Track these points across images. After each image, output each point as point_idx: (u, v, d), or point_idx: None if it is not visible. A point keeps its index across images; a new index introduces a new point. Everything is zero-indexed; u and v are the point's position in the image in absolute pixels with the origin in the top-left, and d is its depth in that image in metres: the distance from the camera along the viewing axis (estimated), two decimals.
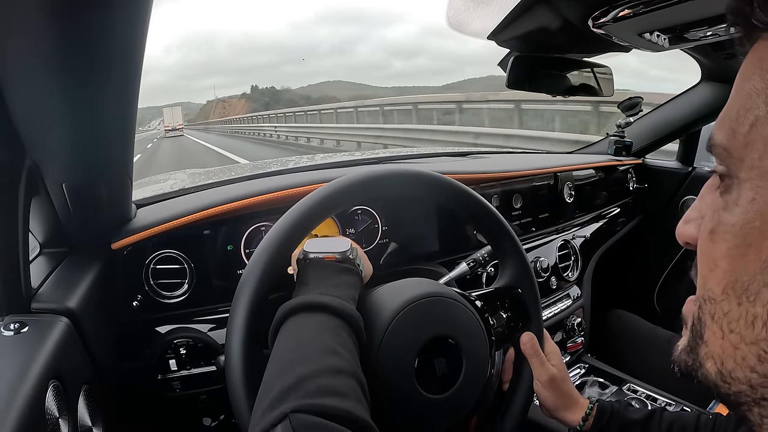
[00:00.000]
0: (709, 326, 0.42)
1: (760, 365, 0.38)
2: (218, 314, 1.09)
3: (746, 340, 0.38)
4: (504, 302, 0.94)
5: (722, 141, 0.40)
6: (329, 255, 0.83)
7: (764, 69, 0.37)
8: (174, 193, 1.24)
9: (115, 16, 0.51)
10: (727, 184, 0.40)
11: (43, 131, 0.68)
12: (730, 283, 0.39)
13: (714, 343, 0.41)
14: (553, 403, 0.93)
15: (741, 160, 0.38)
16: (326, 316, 0.70)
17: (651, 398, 1.47)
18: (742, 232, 0.38)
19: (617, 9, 0.92)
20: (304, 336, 0.67)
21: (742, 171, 0.38)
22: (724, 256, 0.39)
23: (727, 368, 0.40)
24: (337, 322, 0.70)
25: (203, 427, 1.14)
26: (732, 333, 0.39)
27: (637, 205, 2.20)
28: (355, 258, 0.86)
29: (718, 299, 0.40)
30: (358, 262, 0.86)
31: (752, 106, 0.37)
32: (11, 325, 0.72)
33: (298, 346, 0.66)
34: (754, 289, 0.37)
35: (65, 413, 0.68)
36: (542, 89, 1.36)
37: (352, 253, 0.85)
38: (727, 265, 0.39)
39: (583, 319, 1.72)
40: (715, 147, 0.41)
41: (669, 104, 2.09)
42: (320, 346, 0.65)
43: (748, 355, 0.38)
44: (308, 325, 0.69)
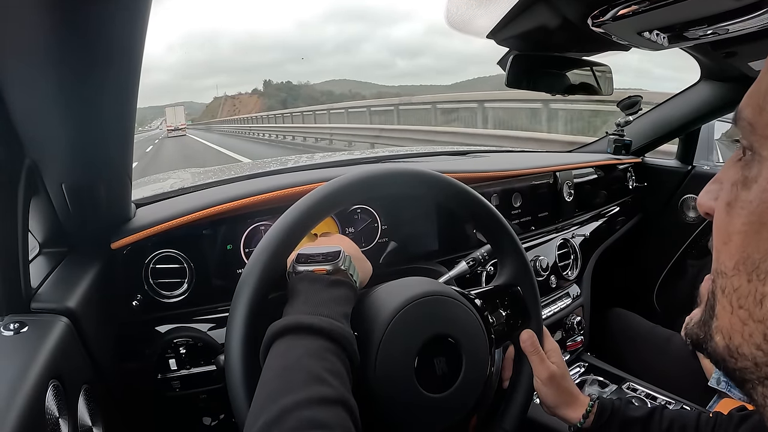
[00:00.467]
0: (720, 300, 0.42)
1: (766, 344, 0.38)
2: (218, 314, 1.08)
3: (754, 317, 0.38)
4: (503, 300, 0.94)
5: (749, 116, 0.40)
6: (319, 268, 0.77)
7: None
8: (173, 192, 1.24)
9: (113, 14, 0.51)
10: (749, 159, 0.40)
11: (42, 131, 0.68)
12: (742, 258, 0.39)
13: (723, 318, 0.41)
14: (553, 400, 0.93)
15: (765, 137, 0.38)
16: (314, 338, 0.67)
17: (650, 397, 1.47)
18: (759, 210, 0.38)
19: (616, 8, 0.91)
20: (290, 361, 0.64)
21: (764, 149, 0.38)
22: (738, 231, 0.40)
23: (734, 343, 0.41)
24: (326, 344, 0.67)
25: (203, 427, 1.14)
26: (741, 309, 0.39)
27: (637, 204, 2.20)
28: (348, 267, 0.79)
29: (729, 274, 0.40)
30: (351, 272, 0.80)
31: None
32: (11, 325, 0.72)
33: (283, 373, 0.63)
34: (764, 268, 0.37)
35: (65, 413, 0.68)
36: (541, 88, 1.36)
37: (345, 262, 0.79)
38: (740, 241, 0.39)
39: (582, 318, 1.72)
40: (741, 120, 0.41)
41: (668, 103, 2.09)
42: (306, 373, 0.62)
43: (755, 333, 0.38)
44: (295, 349, 0.66)
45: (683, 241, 2.17)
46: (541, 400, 0.95)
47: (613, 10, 0.92)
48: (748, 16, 0.86)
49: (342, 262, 0.78)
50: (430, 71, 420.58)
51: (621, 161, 2.10)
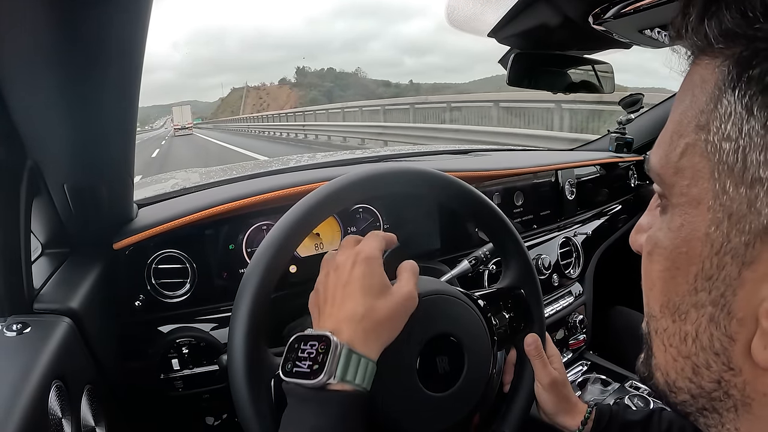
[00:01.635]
0: (654, 340, 0.45)
1: (695, 377, 0.40)
2: (220, 313, 1.09)
3: (682, 354, 0.40)
4: (507, 303, 0.93)
5: (656, 166, 0.41)
6: (306, 382, 0.59)
7: (695, 93, 0.38)
8: (175, 192, 1.24)
9: (114, 15, 0.51)
10: (664, 204, 0.41)
11: (43, 131, 0.68)
12: (665, 302, 0.41)
13: (659, 356, 0.44)
14: (552, 407, 0.93)
15: (672, 186, 0.39)
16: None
17: (653, 395, 1.46)
18: (672, 256, 0.40)
19: (618, 5, 0.91)
20: None
21: (673, 196, 0.39)
22: (659, 277, 0.42)
23: (671, 378, 0.43)
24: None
25: (206, 427, 1.14)
26: (671, 347, 0.42)
27: (639, 202, 2.19)
28: (345, 369, 0.59)
29: (658, 316, 0.43)
30: (350, 375, 0.60)
31: (683, 132, 0.38)
32: (14, 325, 0.72)
33: None
34: (683, 309, 0.39)
35: (68, 413, 0.68)
36: (543, 86, 1.36)
37: (336, 365, 0.59)
38: (660, 286, 0.42)
39: (585, 316, 1.72)
40: (650, 171, 0.42)
41: (670, 101, 2.08)
42: None
43: (685, 368, 0.40)
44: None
45: None
46: (540, 407, 0.95)
47: (614, 7, 0.92)
48: None
49: (332, 371, 0.59)
50: (438, 69, 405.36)
51: (623, 159, 2.10)
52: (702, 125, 0.36)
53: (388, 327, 0.64)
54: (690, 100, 0.38)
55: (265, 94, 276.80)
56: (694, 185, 0.37)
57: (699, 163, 0.36)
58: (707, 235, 0.36)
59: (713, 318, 0.37)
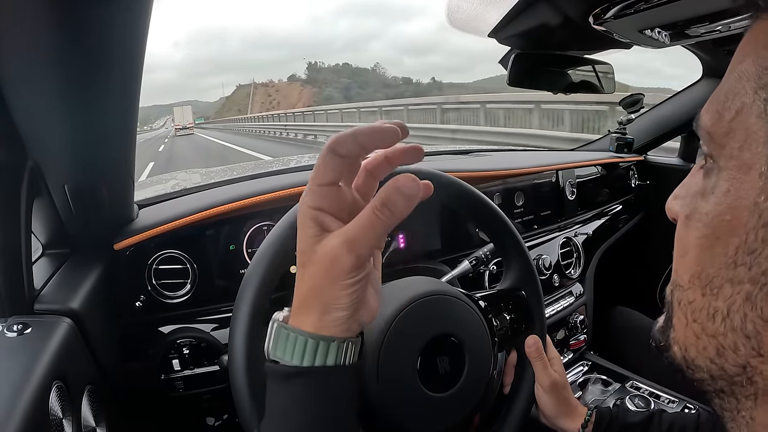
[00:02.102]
0: (676, 312, 0.42)
1: (718, 358, 0.38)
2: (221, 314, 1.09)
3: (707, 332, 0.38)
4: (507, 304, 0.93)
5: (706, 124, 0.39)
6: (283, 360, 0.50)
7: (759, 52, 0.35)
8: (176, 193, 1.24)
9: (115, 15, 0.51)
10: (709, 167, 0.39)
11: (44, 132, 0.68)
12: (697, 272, 0.39)
13: (679, 330, 0.41)
14: (553, 409, 0.93)
15: (722, 147, 0.37)
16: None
17: (654, 395, 1.46)
18: (713, 224, 0.37)
19: (618, 6, 0.91)
20: None
21: (721, 159, 0.37)
22: (695, 245, 0.39)
23: (690, 355, 0.40)
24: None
25: (207, 427, 1.14)
26: (695, 322, 0.39)
27: (639, 202, 2.19)
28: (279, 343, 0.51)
29: (685, 287, 0.40)
30: (282, 351, 0.50)
31: (740, 91, 0.36)
32: (14, 326, 0.72)
33: None
34: (717, 283, 0.37)
35: (69, 414, 0.68)
36: (543, 86, 1.36)
37: (280, 343, 0.51)
38: (695, 255, 0.39)
39: (585, 317, 1.72)
40: (700, 129, 0.40)
41: (670, 101, 2.08)
42: None
43: (708, 347, 0.38)
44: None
45: None
46: (540, 409, 0.95)
47: (615, 7, 0.92)
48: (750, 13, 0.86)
49: (276, 346, 0.51)
50: (439, 69, 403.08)
51: (623, 159, 2.10)
52: (763, 85, 0.34)
53: (315, 295, 0.49)
54: (752, 59, 0.35)
55: (275, 92, 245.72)
56: (746, 149, 0.34)
57: (754, 125, 0.34)
58: (756, 205, 0.34)
59: (750, 297, 0.35)
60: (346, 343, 0.50)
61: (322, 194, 0.47)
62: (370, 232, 0.45)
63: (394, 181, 0.43)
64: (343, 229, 0.46)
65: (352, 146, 0.45)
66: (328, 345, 0.49)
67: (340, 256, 0.46)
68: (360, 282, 0.47)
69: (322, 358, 0.49)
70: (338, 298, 0.47)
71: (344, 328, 0.49)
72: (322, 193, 0.47)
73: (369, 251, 0.46)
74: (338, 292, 0.47)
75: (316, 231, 0.47)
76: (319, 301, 0.48)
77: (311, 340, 0.48)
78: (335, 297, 0.48)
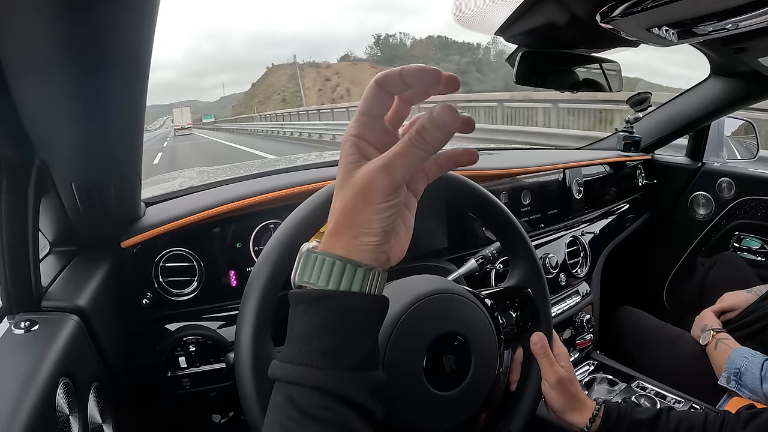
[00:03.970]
0: None
1: None
2: (227, 311, 1.09)
3: None
4: (514, 302, 0.93)
5: None
6: (310, 284, 0.52)
7: None
8: (183, 191, 1.24)
9: (122, 16, 0.51)
10: None
11: (52, 131, 0.69)
12: None
13: None
14: (560, 404, 0.93)
15: None
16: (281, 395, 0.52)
17: (660, 395, 1.46)
18: None
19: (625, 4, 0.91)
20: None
21: None
22: None
23: None
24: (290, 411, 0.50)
25: (213, 424, 1.14)
26: None
27: (647, 201, 2.19)
28: (311, 270, 0.52)
29: None
30: (309, 275, 0.52)
31: None
32: (22, 323, 0.73)
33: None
34: None
35: (75, 410, 0.69)
36: (550, 85, 1.35)
37: (308, 266, 0.53)
38: None
39: (592, 316, 1.72)
40: None
41: (678, 99, 2.07)
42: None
43: None
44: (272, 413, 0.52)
45: (693, 239, 2.16)
46: (548, 405, 0.95)
47: (622, 6, 0.92)
48: (759, 12, 0.85)
49: (304, 271, 0.53)
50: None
51: (630, 158, 2.09)
52: None
53: (347, 218, 0.51)
54: None
55: (334, 74, 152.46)
56: None
57: None
58: None
59: None
60: (373, 272, 0.52)
61: (367, 124, 0.51)
62: (405, 158, 0.47)
63: (430, 111, 0.46)
64: (380, 156, 0.49)
65: (397, 83, 0.48)
66: (355, 269, 0.50)
67: (376, 179, 0.48)
68: (392, 208, 0.50)
69: (348, 282, 0.51)
70: (370, 222, 0.49)
71: (373, 255, 0.51)
72: (367, 123, 0.51)
73: (403, 176, 0.48)
74: (371, 216, 0.49)
75: (357, 157, 0.50)
76: (351, 224, 0.50)
77: (339, 262, 0.50)
78: (367, 221, 0.50)
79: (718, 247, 2.11)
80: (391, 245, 0.53)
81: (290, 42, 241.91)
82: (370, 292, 0.52)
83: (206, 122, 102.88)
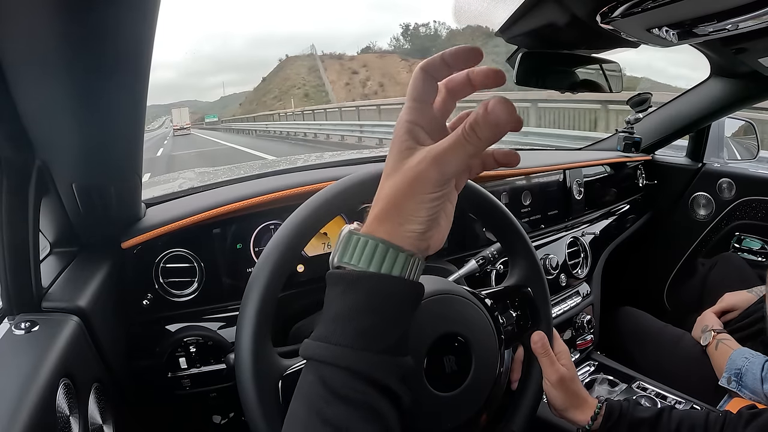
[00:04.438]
0: None
1: None
2: (228, 312, 1.09)
3: None
4: (514, 301, 0.93)
5: None
6: (348, 265, 0.54)
7: None
8: (183, 192, 1.24)
9: (123, 16, 0.51)
10: None
11: (52, 132, 0.69)
12: None
13: None
14: (562, 403, 0.93)
15: None
16: (314, 376, 0.51)
17: (660, 396, 1.46)
18: None
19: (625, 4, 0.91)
20: (293, 412, 0.52)
21: None
22: None
23: None
24: (322, 391, 0.50)
25: (213, 425, 1.14)
26: None
27: (647, 202, 2.19)
28: (355, 253, 0.54)
29: None
30: (358, 260, 0.53)
31: None
32: (22, 324, 0.73)
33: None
34: None
35: (76, 411, 0.69)
36: (550, 85, 1.35)
37: (351, 250, 0.54)
38: None
39: (592, 317, 1.72)
40: None
41: (678, 100, 2.08)
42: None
43: None
44: (299, 397, 0.53)
45: (693, 239, 2.16)
46: (550, 403, 0.95)
47: (622, 6, 0.92)
48: (759, 12, 0.85)
49: (345, 252, 0.55)
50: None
51: (631, 159, 2.09)
52: None
53: (394, 205, 0.52)
54: None
55: (360, 67, 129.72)
56: None
57: None
58: None
59: None
60: (413, 258, 0.53)
61: (418, 109, 0.52)
62: (457, 152, 0.48)
63: (484, 104, 0.46)
64: (432, 146, 0.50)
65: (440, 66, 0.50)
66: (397, 254, 0.52)
67: (428, 171, 0.49)
68: (439, 199, 0.51)
69: (389, 265, 0.52)
70: (417, 210, 0.51)
71: (416, 243, 0.52)
72: (418, 109, 0.52)
73: (454, 170, 0.49)
74: (418, 204, 0.51)
75: (411, 144, 0.51)
76: (397, 211, 0.52)
77: (382, 245, 0.52)
78: (414, 209, 0.51)
79: (719, 248, 2.11)
80: (432, 233, 0.54)
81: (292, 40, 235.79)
82: (409, 278, 0.53)
83: (209, 122, 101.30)
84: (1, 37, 0.50)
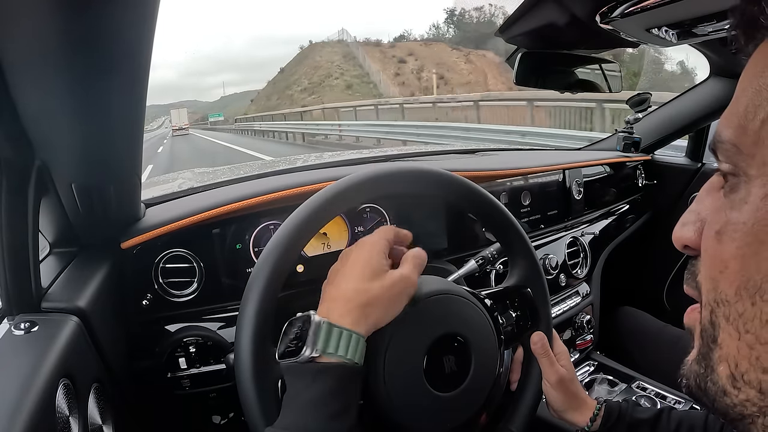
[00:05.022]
0: (724, 328, 0.40)
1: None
2: (227, 312, 1.09)
3: (761, 340, 0.37)
4: (513, 301, 0.93)
5: (731, 137, 0.39)
6: (294, 359, 0.64)
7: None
8: (183, 192, 1.24)
9: (122, 15, 0.51)
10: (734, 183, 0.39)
11: (52, 132, 0.69)
12: (743, 283, 0.38)
13: (730, 345, 0.40)
14: (561, 404, 0.93)
15: (752, 156, 0.37)
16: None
17: (660, 396, 1.46)
18: (754, 230, 0.36)
19: (625, 4, 0.91)
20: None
21: (752, 168, 0.37)
22: (734, 255, 0.38)
23: (740, 370, 0.39)
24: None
25: (213, 425, 1.14)
26: (748, 333, 0.38)
27: (647, 202, 2.19)
28: (325, 342, 0.63)
29: (732, 301, 0.39)
30: (332, 347, 0.63)
31: (762, 103, 0.36)
32: (22, 324, 0.72)
33: None
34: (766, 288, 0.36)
35: (75, 412, 0.69)
36: (550, 85, 1.36)
37: (321, 338, 0.63)
38: (737, 265, 0.38)
39: (592, 317, 1.72)
40: (723, 144, 0.40)
41: (678, 100, 2.07)
42: None
43: (762, 355, 0.37)
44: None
45: None
46: (549, 404, 0.95)
47: (621, 6, 0.92)
48: None
49: (314, 345, 0.63)
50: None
51: (630, 159, 2.09)
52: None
53: (378, 306, 0.68)
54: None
55: (407, 55, 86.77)
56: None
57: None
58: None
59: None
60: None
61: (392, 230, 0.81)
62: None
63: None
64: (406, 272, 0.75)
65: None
66: (358, 340, 0.65)
67: (408, 280, 0.74)
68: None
69: (361, 354, 0.66)
70: (398, 312, 0.71)
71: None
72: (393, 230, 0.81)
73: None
74: (395, 308, 0.71)
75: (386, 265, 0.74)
76: (383, 313, 0.70)
77: (362, 339, 0.66)
78: (397, 311, 0.71)
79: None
80: None
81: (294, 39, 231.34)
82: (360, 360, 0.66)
83: (213, 120, 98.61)
84: (1, 37, 0.50)
